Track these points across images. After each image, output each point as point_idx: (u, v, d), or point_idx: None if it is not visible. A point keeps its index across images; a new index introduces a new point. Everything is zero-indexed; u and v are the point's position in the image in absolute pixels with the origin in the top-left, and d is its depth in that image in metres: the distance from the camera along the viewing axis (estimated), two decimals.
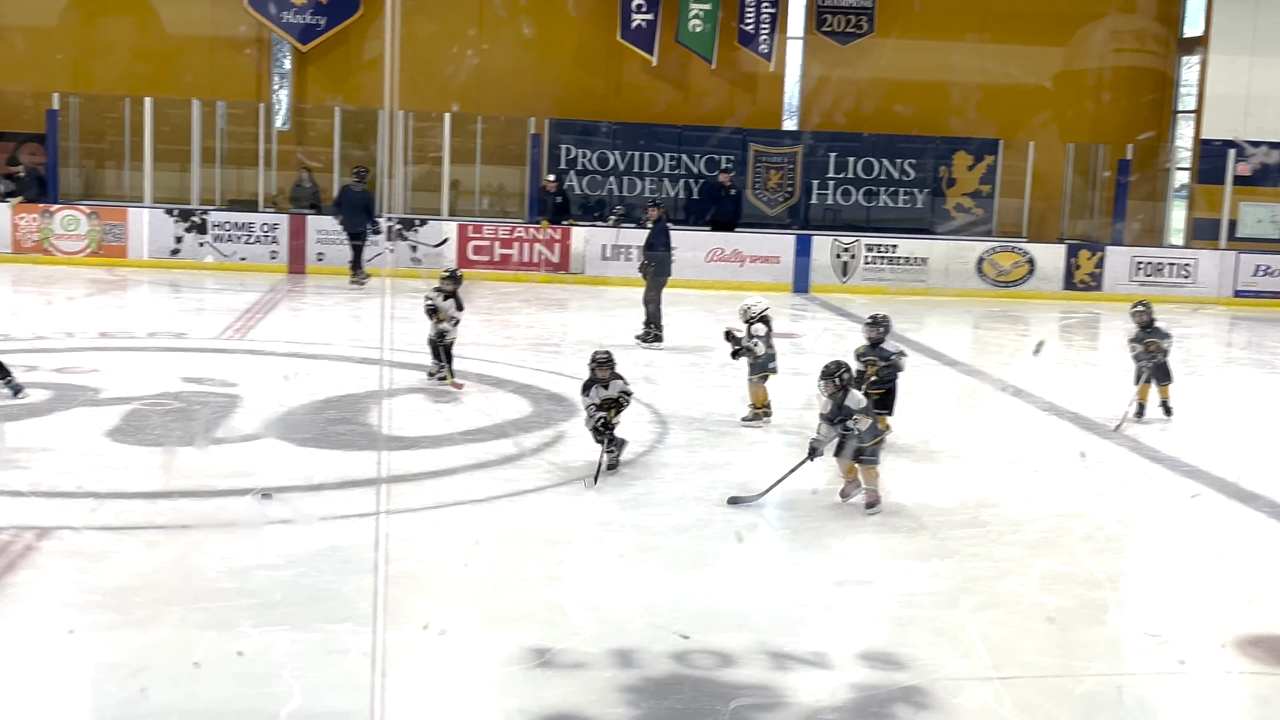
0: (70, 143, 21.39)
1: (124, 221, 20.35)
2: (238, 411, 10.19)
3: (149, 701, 5.03)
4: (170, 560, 6.68)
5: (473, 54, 22.33)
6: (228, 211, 20.89)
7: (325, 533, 7.32)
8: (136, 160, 21.37)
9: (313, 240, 20.61)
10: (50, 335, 13.49)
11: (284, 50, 22.75)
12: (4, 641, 5.63)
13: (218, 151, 21.79)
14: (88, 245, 20.23)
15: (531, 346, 14.26)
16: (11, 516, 7.20)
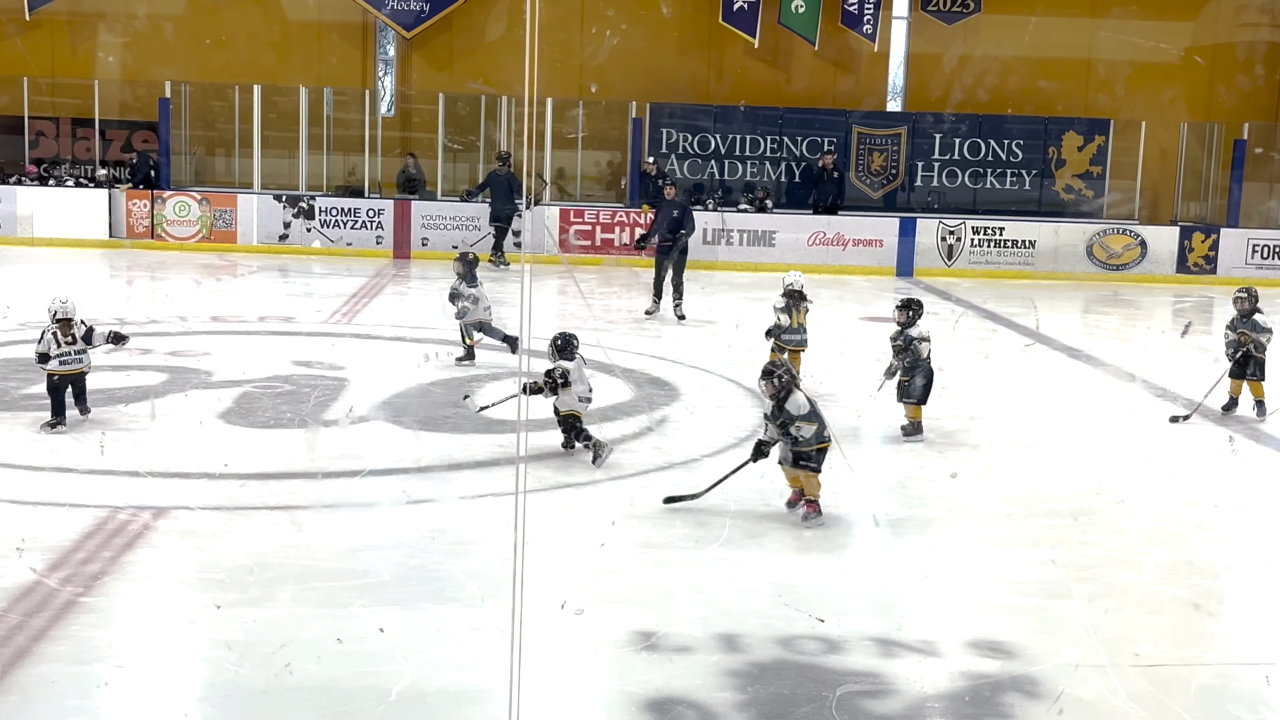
0: (182, 130, 21.84)
1: (234, 207, 20.75)
2: (345, 394, 10.33)
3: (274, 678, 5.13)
4: (282, 540, 6.79)
5: (577, 39, 22.39)
6: (334, 197, 21.20)
7: (432, 514, 7.40)
8: (246, 147, 21.77)
9: (417, 225, 20.85)
10: (164, 319, 13.80)
11: (389, 37, 23.00)
12: (125, 618, 5.76)
13: (325, 138, 22.11)
14: (199, 231, 20.67)
15: (634, 330, 14.27)
16: (129, 496, 7.37)
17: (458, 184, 22.44)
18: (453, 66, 22.69)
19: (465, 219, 20.90)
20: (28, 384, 10.21)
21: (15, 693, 4.91)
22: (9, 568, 6.11)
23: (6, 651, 5.22)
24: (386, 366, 11.73)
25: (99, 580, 6.06)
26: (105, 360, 11.21)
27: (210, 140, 22.68)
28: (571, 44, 22.37)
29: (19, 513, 7.02)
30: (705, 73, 22.81)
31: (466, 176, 22.55)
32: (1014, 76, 22.34)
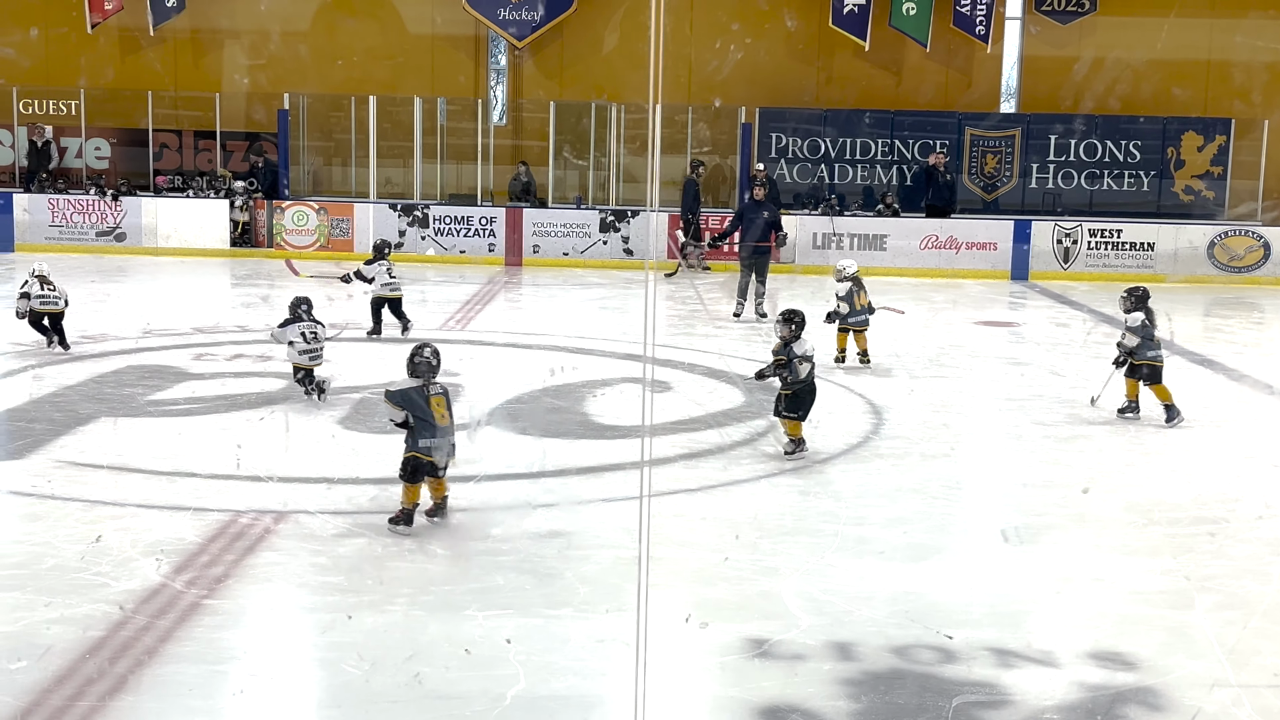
0: (300, 141, 22.29)
1: (350, 216, 21.13)
2: (460, 400, 10.44)
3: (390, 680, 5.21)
4: (400, 545, 6.89)
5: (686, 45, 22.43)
6: (448, 205, 21.48)
7: (547, 520, 7.46)
8: (362, 157, 22.15)
9: (529, 232, 21.03)
10: None
11: (500, 47, 23.24)
12: (248, 620, 5.90)
13: (438, 147, 22.41)
14: (316, 239, 21.07)
15: (742, 336, 14.24)
16: (252, 500, 7.54)
17: (568, 192, 22.60)
18: (563, 74, 22.87)
19: (575, 226, 21.05)
20: (154, 390, 10.51)
21: (143, 692, 5.05)
22: (136, 570, 6.29)
23: (134, 652, 5.37)
24: (500, 372, 11.85)
25: (222, 583, 6.20)
26: (227, 366, 11.50)
27: (327, 150, 23.11)
28: (680, 50, 22.40)
29: (146, 516, 7.21)
30: (815, 76, 22.70)
31: (576, 184, 22.70)
32: (1130, 76, 21.89)
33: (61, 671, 5.13)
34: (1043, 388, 11.74)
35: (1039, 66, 22.80)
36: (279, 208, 21.13)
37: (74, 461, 8.25)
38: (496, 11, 22.30)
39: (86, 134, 22.19)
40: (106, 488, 7.72)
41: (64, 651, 5.31)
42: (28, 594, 5.93)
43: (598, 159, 22.49)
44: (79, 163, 22.22)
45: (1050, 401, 11.08)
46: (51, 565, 6.33)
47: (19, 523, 7.23)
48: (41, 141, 21.71)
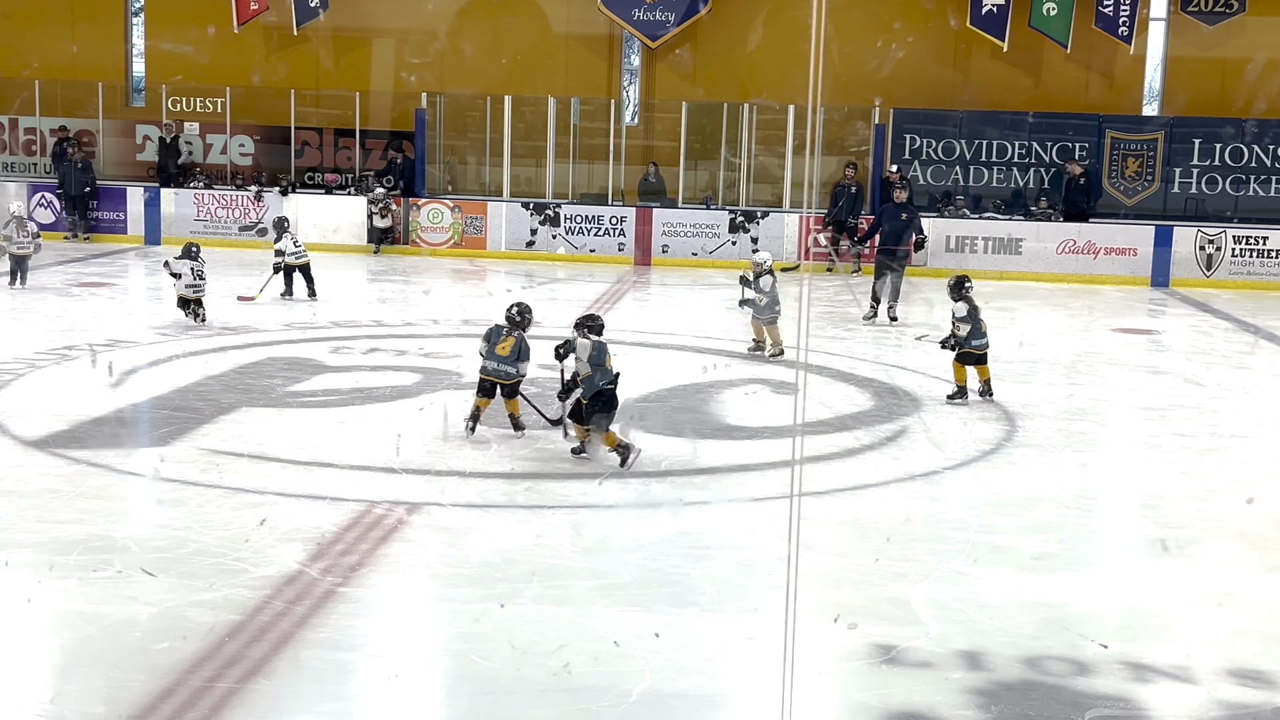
0: (436, 140, 22.64)
1: (484, 214, 21.41)
2: None
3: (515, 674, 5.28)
4: (527, 538, 6.98)
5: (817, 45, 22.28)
6: (579, 205, 21.64)
7: (671, 518, 7.48)
8: (496, 156, 22.42)
9: (658, 232, 21.10)
10: (418, 322, 14.32)
11: (634, 47, 23.35)
12: (380, 609, 6.01)
13: (571, 147, 22.59)
14: (451, 237, 21.39)
15: (873, 339, 14.12)
16: (385, 491, 7.69)
17: (698, 192, 22.63)
18: (695, 75, 22.89)
19: (704, 226, 21.06)
20: (292, 381, 10.77)
21: (278, 677, 5.18)
22: (274, 557, 6.45)
23: (271, 637, 5.51)
24: (627, 371, 11.89)
25: (356, 572, 6.34)
26: (363, 360, 11.74)
27: (462, 149, 23.43)
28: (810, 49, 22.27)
29: (284, 504, 7.40)
30: (951, 77, 22.39)
31: (706, 184, 22.71)
32: None
33: (202, 653, 5.29)
34: (1182, 397, 11.45)
35: (1184, 68, 22.20)
36: (415, 205, 21.50)
37: (216, 449, 8.49)
38: (631, 12, 22.40)
39: (231, 131, 22.81)
40: (247, 476, 7.93)
41: (204, 634, 5.47)
42: (170, 577, 6.12)
43: (728, 159, 22.47)
44: (223, 159, 22.85)
45: (1190, 411, 10.80)
46: (193, 550, 6.53)
47: (163, 508, 7.47)
48: (170, 137, 22.36)
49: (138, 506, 7.66)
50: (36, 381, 10.45)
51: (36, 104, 22.78)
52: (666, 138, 22.84)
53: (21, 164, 22.95)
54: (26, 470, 7.82)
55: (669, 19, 22.39)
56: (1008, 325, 16.00)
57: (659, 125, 23.32)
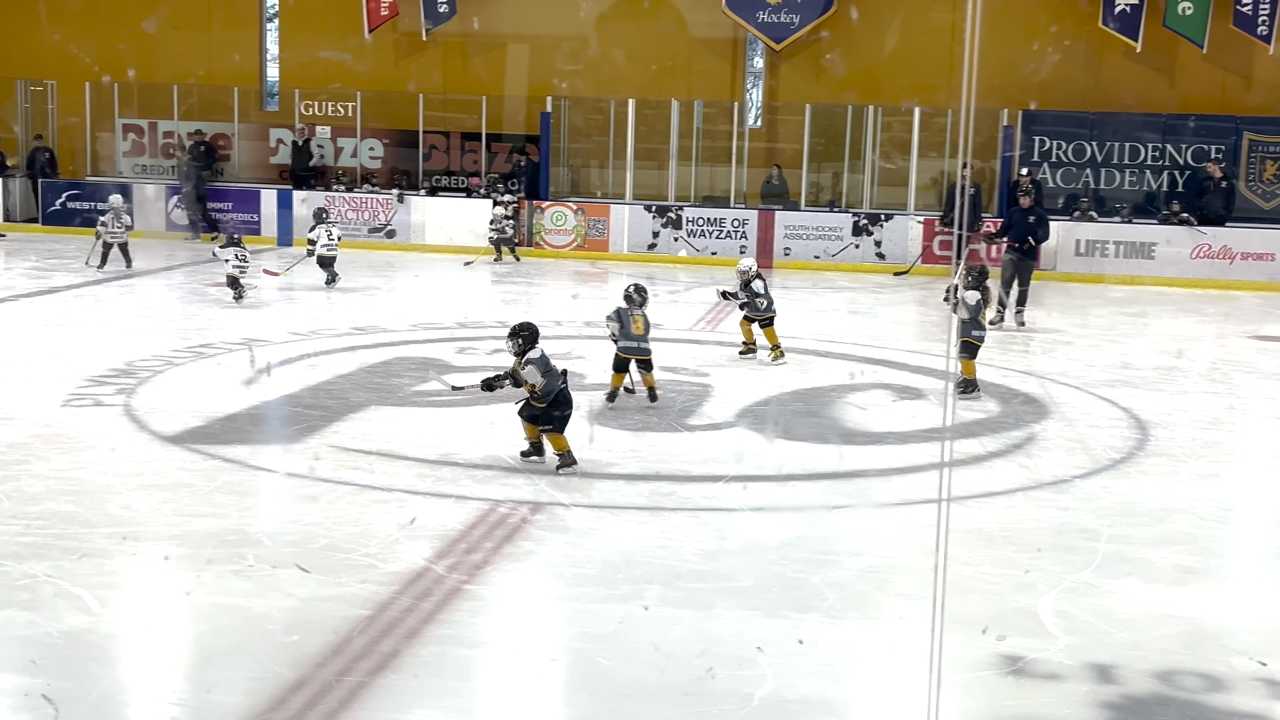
0: (561, 143, 22.83)
1: (606, 217, 21.53)
2: (710, 400, 10.54)
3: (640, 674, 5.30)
4: (649, 540, 7.00)
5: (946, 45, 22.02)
6: (701, 207, 21.65)
7: (793, 523, 7.45)
8: (619, 159, 22.54)
9: (780, 235, 21.02)
10: (540, 323, 14.38)
11: (758, 49, 23.30)
12: (504, 606, 6.08)
13: (694, 149, 22.62)
14: (574, 240, 21.56)
15: (999, 344, 13.90)
16: (508, 491, 7.77)
17: (821, 195, 22.49)
18: (820, 77, 22.76)
19: (827, 229, 20.93)
20: (419, 380, 10.93)
21: (405, 671, 5.26)
22: (402, 553, 6.56)
23: (399, 632, 5.60)
24: (749, 375, 11.88)
25: (481, 569, 6.42)
26: (487, 360, 11.87)
27: (585, 152, 23.59)
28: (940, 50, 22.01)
29: (411, 501, 7.52)
30: (1082, 78, 21.94)
31: (829, 186, 22.57)
32: None
33: (332, 647, 5.40)
34: None
35: None
36: (539, 208, 21.70)
37: (345, 447, 8.66)
38: (755, 15, 22.35)
39: (361, 135, 23.25)
40: (375, 473, 8.08)
41: (334, 628, 5.58)
42: (301, 571, 6.25)
43: (852, 162, 22.30)
44: (353, 162, 23.30)
45: None
46: (324, 545, 6.67)
47: (295, 503, 7.64)
48: (302, 140, 22.84)
49: (270, 502, 7.85)
50: (173, 379, 10.75)
51: (174, 108, 23.45)
52: (790, 140, 22.75)
53: (160, 167, 23.64)
54: (164, 465, 8.05)
55: (794, 21, 22.30)
56: (1141, 332, 15.67)
57: (782, 127, 23.24)
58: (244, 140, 23.72)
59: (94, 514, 7.06)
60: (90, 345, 12.26)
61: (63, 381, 10.30)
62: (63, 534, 6.68)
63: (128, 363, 11.13)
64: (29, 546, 6.45)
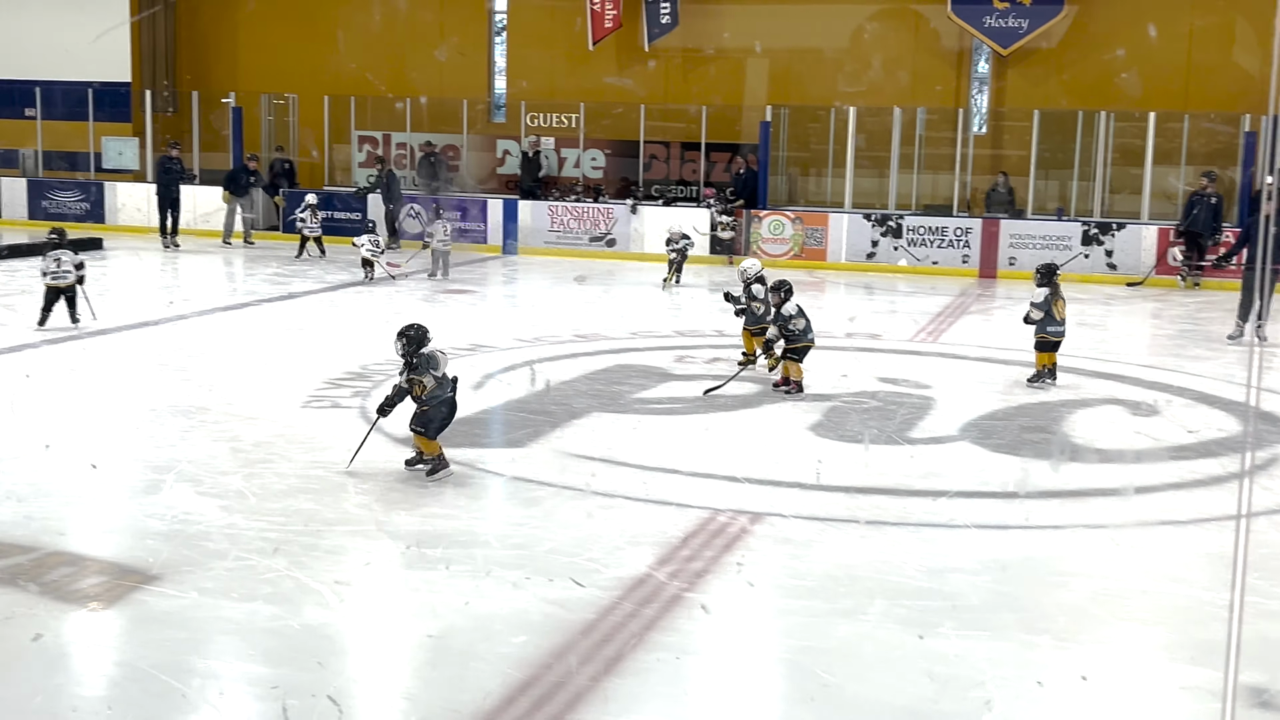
0: (779, 151, 22.79)
1: (824, 226, 21.39)
2: (931, 414, 10.36)
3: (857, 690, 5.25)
4: (871, 554, 6.92)
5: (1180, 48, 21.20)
6: (922, 216, 21.33)
7: (1021, 541, 7.26)
8: (838, 167, 22.38)
9: (1005, 244, 20.54)
10: None
11: (983, 55, 22.83)
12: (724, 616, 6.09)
13: (915, 157, 22.30)
14: (791, 249, 21.49)
15: (1238, 360, 13.28)
16: (728, 500, 7.79)
17: (1048, 203, 21.91)
18: (1049, 82, 22.17)
19: (1055, 238, 20.37)
20: (639, 388, 11.05)
21: (628, 677, 5.32)
22: (626, 559, 6.64)
23: (621, 638, 5.67)
24: (974, 387, 11.65)
25: (702, 578, 6.45)
26: (707, 369, 11.92)
27: (804, 160, 23.51)
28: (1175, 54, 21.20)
29: (632, 508, 7.61)
30: None
31: (1057, 194, 21.96)
32: None
33: (556, 649, 5.50)
34: None
35: None
36: (756, 217, 21.70)
37: (568, 452, 8.82)
38: (982, 20, 21.92)
39: (584, 145, 23.66)
40: (598, 479, 8.19)
41: (559, 630, 5.69)
42: (526, 573, 6.38)
43: (1082, 169, 21.65)
44: (576, 172, 23.73)
45: None
46: (548, 549, 6.80)
47: (520, 507, 7.80)
48: (532, 151, 23.34)
49: (496, 504, 8.03)
50: None
51: (407, 120, 24.28)
52: (1016, 146, 22.24)
53: None
54: (396, 465, 8.33)
55: (1022, 25, 21.79)
56: None
57: (1008, 134, 22.74)
58: (472, 151, 24.41)
59: (331, 512, 7.35)
60: (328, 349, 12.79)
61: (303, 383, 10.76)
62: (303, 530, 6.98)
63: (363, 366, 11.56)
64: (272, 542, 6.75)
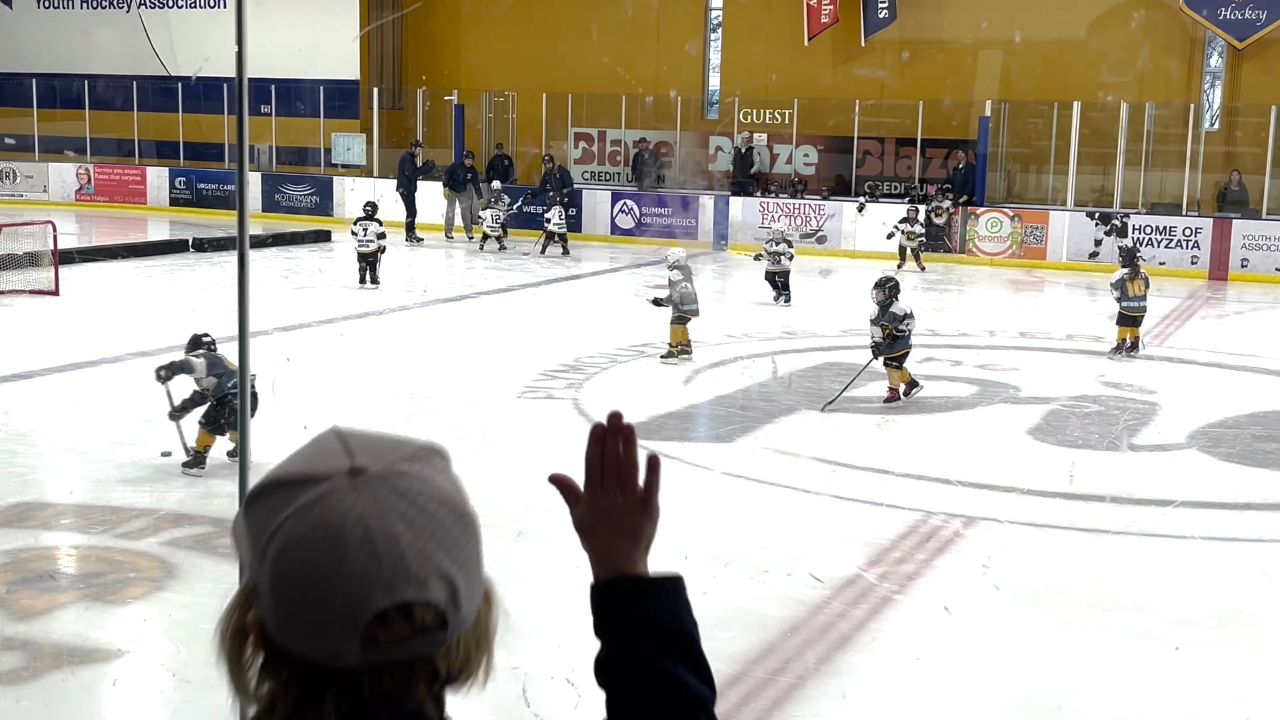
0: (999, 148, 22.26)
1: (1045, 224, 20.81)
2: (1156, 420, 10.00)
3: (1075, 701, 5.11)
4: (1088, 564, 6.72)
5: None
6: (1149, 215, 20.56)
7: (1253, 555, 6.95)
8: (1060, 164, 21.74)
9: (1237, 245, 19.65)
10: (973, 333, 14.15)
11: (1217, 48, 21.87)
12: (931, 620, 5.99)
13: (1143, 154, 21.50)
14: (1009, 247, 20.97)
15: None
16: (941, 502, 7.66)
17: None
18: None
19: None
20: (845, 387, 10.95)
21: (838, 676, 5.28)
22: (838, 559, 6.59)
23: (830, 637, 5.63)
24: (1202, 394, 11.18)
25: (912, 580, 6.36)
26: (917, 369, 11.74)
27: (1024, 157, 22.91)
28: None
29: (843, 507, 7.55)
30: None
31: None
32: None
33: (765, 645, 5.50)
34: None
35: None
36: (973, 214, 21.25)
37: (777, 449, 8.80)
38: (1217, 12, 20.98)
39: (796, 141, 23.54)
40: (807, 476, 8.16)
41: (767, 627, 5.68)
42: (735, 568, 6.40)
43: None
44: (787, 169, 23.63)
45: None
46: (758, 545, 6.80)
47: (726, 502, 7.82)
48: (745, 148, 23.32)
49: (704, 499, 8.06)
50: (617, 375, 11.27)
51: (622, 117, 24.55)
52: (1251, 144, 21.24)
53: (607, 173, 24.82)
54: None
55: (1259, 18, 20.80)
56: None
57: (1242, 130, 21.74)
58: (684, 147, 24.54)
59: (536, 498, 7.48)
60: (542, 341, 13.03)
61: (519, 374, 11.00)
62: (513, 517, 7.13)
63: (576, 359, 11.75)
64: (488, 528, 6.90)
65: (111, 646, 5.35)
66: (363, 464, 1.15)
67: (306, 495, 1.13)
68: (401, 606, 1.13)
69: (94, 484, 7.66)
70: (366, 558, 1.11)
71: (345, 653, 1.13)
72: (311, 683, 1.15)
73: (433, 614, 1.15)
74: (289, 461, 1.18)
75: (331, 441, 1.19)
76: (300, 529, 1.12)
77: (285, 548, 1.13)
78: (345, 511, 1.12)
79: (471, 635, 1.20)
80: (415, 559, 1.13)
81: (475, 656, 1.21)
